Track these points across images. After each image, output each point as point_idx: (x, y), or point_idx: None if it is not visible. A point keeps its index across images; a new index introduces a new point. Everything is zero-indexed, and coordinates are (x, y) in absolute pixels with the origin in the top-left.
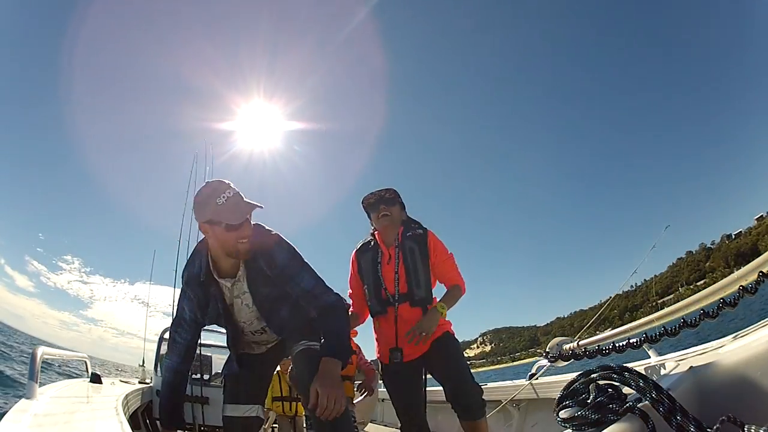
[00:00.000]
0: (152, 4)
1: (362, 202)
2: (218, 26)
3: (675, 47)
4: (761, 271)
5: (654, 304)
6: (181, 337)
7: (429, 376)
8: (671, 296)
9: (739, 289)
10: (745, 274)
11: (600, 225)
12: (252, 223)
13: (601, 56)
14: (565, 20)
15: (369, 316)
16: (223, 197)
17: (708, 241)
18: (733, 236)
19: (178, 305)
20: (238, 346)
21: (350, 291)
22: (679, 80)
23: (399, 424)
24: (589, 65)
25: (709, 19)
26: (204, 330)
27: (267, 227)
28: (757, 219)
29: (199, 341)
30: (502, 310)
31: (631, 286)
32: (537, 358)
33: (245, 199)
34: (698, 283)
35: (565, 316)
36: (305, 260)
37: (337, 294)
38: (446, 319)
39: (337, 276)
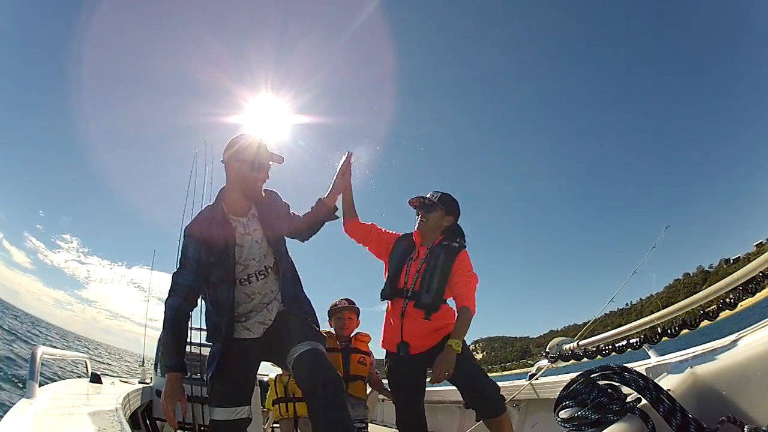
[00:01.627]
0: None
1: (408, 202)
2: (226, 21)
3: (690, 64)
4: (761, 272)
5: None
6: (183, 278)
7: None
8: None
9: (738, 289)
10: (745, 275)
11: (598, 242)
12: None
13: (612, 63)
14: (578, 23)
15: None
16: (252, 140)
17: (706, 264)
18: (732, 261)
19: (182, 249)
20: (228, 315)
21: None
22: (688, 99)
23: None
24: (604, 69)
25: (727, 35)
26: (203, 330)
27: None
28: (756, 245)
29: (198, 339)
30: (496, 319)
31: (626, 304)
32: (528, 369)
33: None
34: None
35: (559, 329)
36: None
37: None
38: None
39: (341, 273)
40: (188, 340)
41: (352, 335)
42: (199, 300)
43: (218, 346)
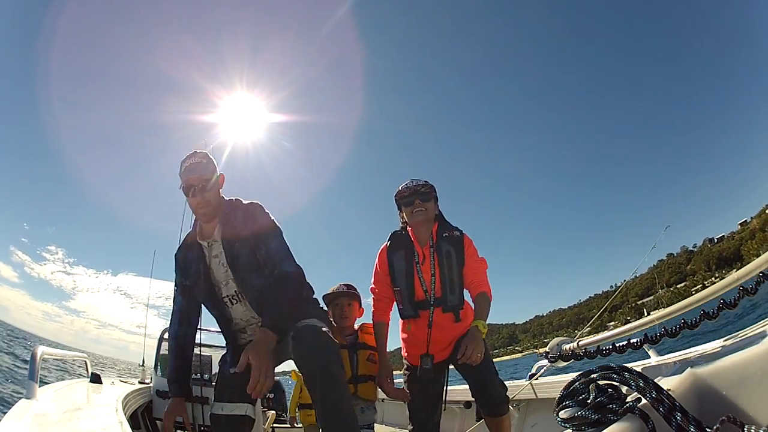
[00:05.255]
0: None
1: (395, 196)
2: (199, 18)
3: (674, 47)
4: (761, 272)
5: (633, 304)
6: (176, 303)
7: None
8: (651, 298)
9: (739, 289)
10: (745, 275)
11: (581, 226)
12: (228, 198)
13: (597, 51)
14: (556, 14)
15: (389, 318)
16: (184, 165)
17: (690, 244)
18: (716, 240)
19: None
20: (227, 328)
21: (375, 288)
22: (675, 81)
23: (402, 425)
24: (583, 60)
25: (711, 18)
26: (204, 330)
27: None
28: (740, 224)
29: (198, 339)
30: None
31: (611, 287)
32: (515, 356)
33: (205, 165)
34: (678, 286)
35: (544, 314)
36: (280, 227)
37: (299, 265)
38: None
39: (319, 266)
40: (193, 364)
41: (357, 327)
42: (199, 318)
43: (225, 335)
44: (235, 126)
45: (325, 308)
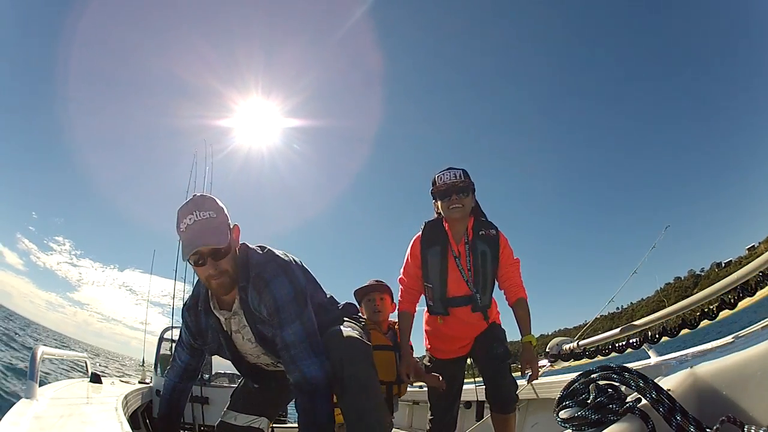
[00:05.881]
0: (149, 1)
1: (432, 188)
2: (215, 23)
3: (686, 64)
4: (761, 272)
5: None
6: (180, 358)
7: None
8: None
9: (738, 289)
10: (745, 275)
11: (588, 245)
12: (242, 243)
13: (606, 62)
14: (566, 20)
15: (414, 309)
16: (185, 222)
17: (697, 267)
18: (723, 265)
19: (181, 324)
20: (253, 377)
21: (404, 279)
22: (683, 102)
23: (401, 426)
24: (593, 68)
25: (725, 34)
26: None
27: (264, 250)
28: (748, 249)
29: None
30: None
31: (617, 308)
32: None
33: (216, 225)
34: None
35: (549, 333)
36: (307, 301)
37: (321, 357)
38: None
39: (332, 274)
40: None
41: (394, 325)
42: (198, 370)
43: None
44: (251, 131)
45: (357, 306)
